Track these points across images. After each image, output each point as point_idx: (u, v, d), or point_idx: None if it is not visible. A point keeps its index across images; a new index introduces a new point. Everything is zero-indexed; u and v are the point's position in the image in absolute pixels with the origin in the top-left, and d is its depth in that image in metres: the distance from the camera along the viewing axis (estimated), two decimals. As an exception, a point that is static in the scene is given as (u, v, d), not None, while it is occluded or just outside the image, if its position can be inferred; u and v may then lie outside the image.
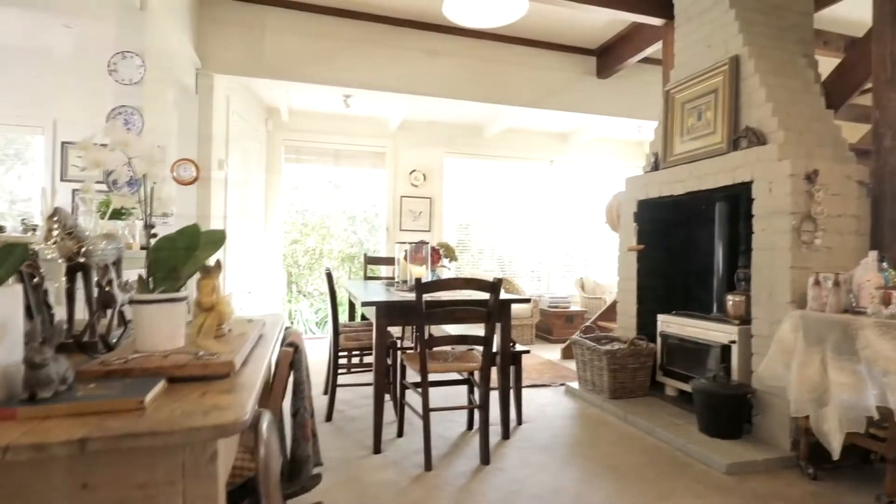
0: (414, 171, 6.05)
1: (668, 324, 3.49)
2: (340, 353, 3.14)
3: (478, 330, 2.64)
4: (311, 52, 4.49)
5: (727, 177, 2.96)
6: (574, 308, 6.07)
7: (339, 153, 6.03)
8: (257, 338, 1.40)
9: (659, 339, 3.56)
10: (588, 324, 4.85)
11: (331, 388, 3.11)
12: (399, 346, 3.17)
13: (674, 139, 3.50)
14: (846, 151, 2.94)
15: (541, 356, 5.06)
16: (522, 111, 5.30)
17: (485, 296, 2.58)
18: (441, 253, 3.30)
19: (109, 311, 1.26)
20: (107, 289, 1.25)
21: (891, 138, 2.64)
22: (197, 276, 1.28)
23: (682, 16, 3.55)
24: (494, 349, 2.85)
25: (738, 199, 3.20)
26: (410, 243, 3.22)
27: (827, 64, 4.90)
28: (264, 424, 1.03)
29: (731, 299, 3.12)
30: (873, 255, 2.37)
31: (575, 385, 3.81)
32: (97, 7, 3.37)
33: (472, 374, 2.95)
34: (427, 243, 3.18)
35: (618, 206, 4.00)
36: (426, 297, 2.47)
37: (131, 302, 1.12)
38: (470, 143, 6.31)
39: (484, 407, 2.58)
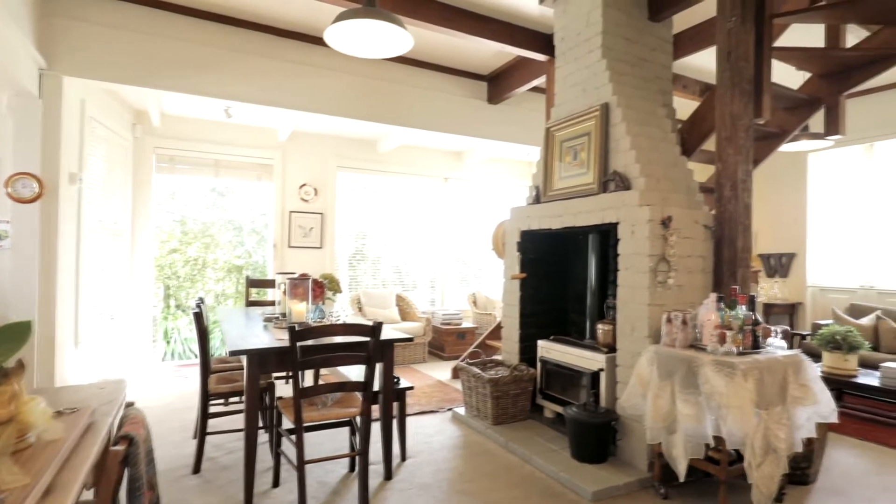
0: (304, 185, 5.81)
1: (547, 349, 3.67)
2: (212, 398, 2.89)
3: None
4: (186, 59, 4.11)
5: (597, 216, 3.17)
6: (466, 324, 6.21)
7: (220, 164, 5.61)
8: (78, 438, 1.22)
9: (539, 364, 3.73)
10: (474, 347, 4.97)
11: (199, 436, 2.85)
12: (275, 390, 2.99)
13: (553, 175, 3.68)
14: (696, 196, 3.29)
15: (431, 376, 5.10)
16: (416, 129, 5.31)
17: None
18: (325, 286, 3.17)
19: None
20: None
21: (729, 189, 2.99)
22: None
23: (561, 58, 3.75)
24: (377, 388, 2.81)
25: (609, 232, 3.45)
26: (289, 276, 3.06)
27: (685, 104, 5.46)
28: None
29: (601, 328, 3.35)
30: (713, 296, 2.67)
31: (462, 410, 3.87)
32: None
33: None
34: (308, 277, 3.04)
35: (503, 234, 4.13)
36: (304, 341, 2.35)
37: None
38: (364, 158, 6.20)
39: (363, 453, 2.51)
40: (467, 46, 4.76)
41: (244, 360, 2.52)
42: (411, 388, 3.08)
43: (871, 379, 3.97)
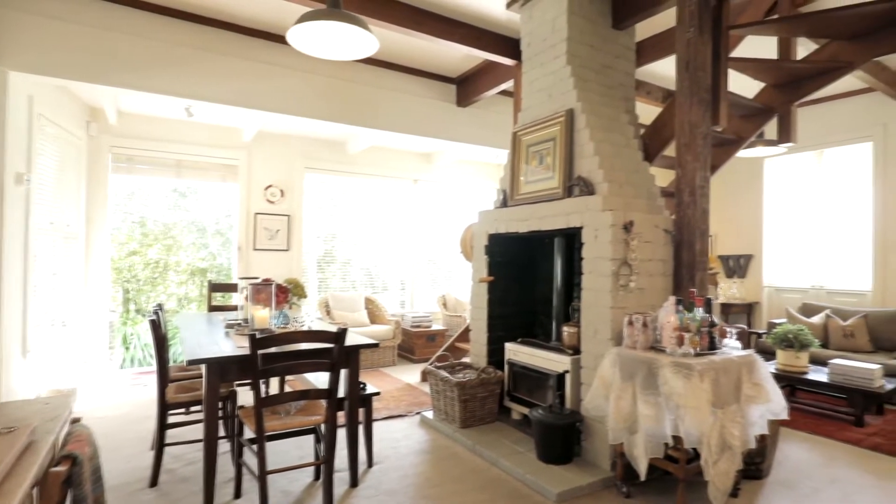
0: (270, 186, 5.70)
1: (514, 352, 3.70)
2: (170, 408, 2.80)
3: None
4: (144, 55, 3.97)
5: (563, 221, 3.22)
6: (436, 326, 6.21)
7: (183, 164, 5.45)
8: (14, 460, 1.16)
9: (506, 367, 3.76)
10: (443, 350, 4.98)
11: (156, 448, 2.76)
12: (237, 398, 2.92)
13: (520, 179, 3.72)
14: (657, 201, 3.37)
15: (401, 380, 5.08)
16: (385, 131, 5.27)
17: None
18: (289, 291, 3.12)
19: None
20: None
21: (688, 194, 3.08)
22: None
23: (527, 63, 3.79)
24: (342, 394, 2.78)
25: (574, 236, 3.51)
26: (252, 281, 3.00)
27: (649, 110, 5.60)
28: None
29: (566, 330, 3.40)
30: (672, 299, 2.74)
31: (430, 414, 3.87)
32: None
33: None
34: (271, 283, 2.98)
35: (471, 238, 4.15)
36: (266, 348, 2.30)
37: None
38: (333, 159, 6.12)
39: (328, 461, 2.48)
40: (436, 49, 4.76)
41: (203, 368, 2.45)
42: (377, 393, 3.06)
43: (820, 375, 4.15)
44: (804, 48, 4.18)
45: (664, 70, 4.97)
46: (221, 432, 3.56)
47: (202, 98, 4.19)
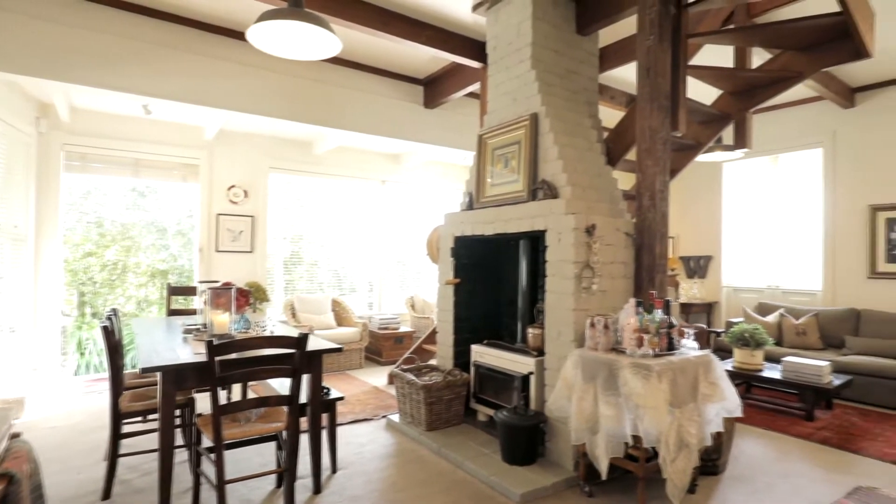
0: (233, 186, 5.56)
1: (480, 354, 3.72)
2: (125, 417, 2.70)
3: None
4: (99, 50, 3.82)
5: (527, 224, 3.25)
6: (404, 328, 6.18)
7: (141, 163, 5.26)
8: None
9: (472, 369, 3.77)
10: (410, 353, 4.96)
11: (110, 459, 2.65)
12: (195, 406, 2.84)
13: (485, 182, 3.74)
14: (619, 205, 3.44)
15: (367, 383, 5.03)
16: (352, 132, 5.22)
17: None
18: (250, 295, 3.05)
19: None
20: None
21: (648, 198, 3.15)
22: None
23: (493, 67, 3.81)
24: (305, 400, 2.74)
25: (539, 238, 3.55)
26: (212, 285, 2.91)
27: (614, 115, 5.71)
28: None
29: (531, 332, 3.44)
30: (632, 301, 2.80)
31: (396, 417, 3.85)
32: None
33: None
34: (231, 286, 2.91)
35: (437, 240, 4.14)
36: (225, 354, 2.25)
37: None
38: (299, 159, 6.02)
39: (290, 469, 2.44)
40: (403, 50, 4.74)
41: (158, 376, 2.37)
42: (341, 398, 3.02)
43: (774, 372, 4.32)
44: (759, 57, 4.33)
45: (628, 75, 5.08)
46: (180, 441, 3.46)
47: (160, 95, 4.06)
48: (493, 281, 4.14)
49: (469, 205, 3.87)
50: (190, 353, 2.52)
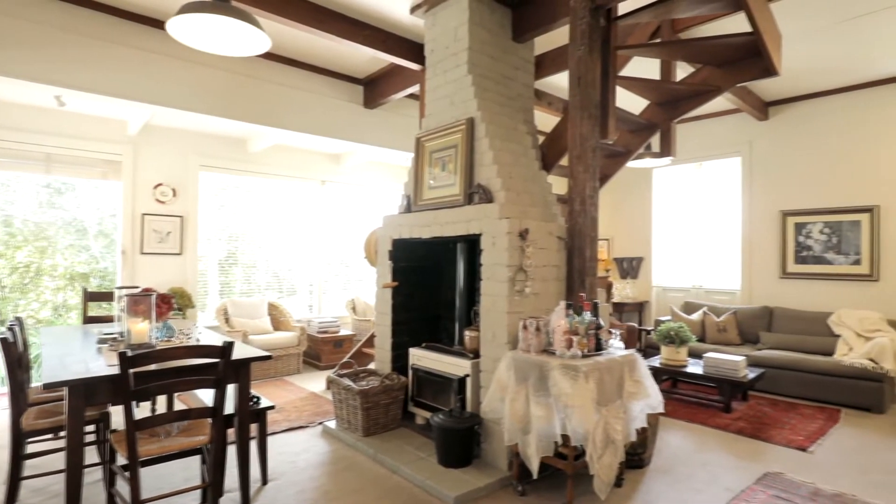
0: (160, 184, 5.26)
1: (419, 357, 3.71)
2: (29, 436, 2.48)
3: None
4: (1, 34, 3.50)
5: (463, 227, 3.27)
6: (345, 332, 6.08)
7: (53, 158, 4.87)
8: None
9: (410, 372, 3.76)
10: (348, 357, 4.89)
11: (9, 482, 2.43)
12: (110, 420, 2.66)
13: (423, 185, 3.73)
14: (552, 209, 3.54)
15: (305, 388, 4.91)
16: (288, 131, 5.07)
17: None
18: (172, 301, 2.89)
19: None
20: None
21: (579, 203, 3.26)
22: None
23: (431, 70, 3.82)
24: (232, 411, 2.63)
25: (476, 241, 3.59)
26: (130, 291, 2.74)
27: (551, 120, 5.85)
28: None
29: (468, 334, 3.47)
30: (562, 303, 2.88)
31: (333, 424, 3.77)
32: None
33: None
34: (152, 292, 2.74)
35: (375, 242, 4.10)
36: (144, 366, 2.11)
37: None
38: (232, 157, 5.78)
39: (214, 483, 2.33)
40: (342, 49, 4.66)
41: (65, 391, 2.19)
42: (271, 407, 2.92)
43: (697, 368, 4.58)
44: (683, 71, 4.58)
45: (565, 82, 5.23)
46: (95, 458, 3.23)
47: (74, 87, 3.77)
48: (433, 283, 4.15)
49: (407, 207, 3.86)
50: (103, 364, 2.36)
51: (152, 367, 2.36)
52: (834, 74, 4.98)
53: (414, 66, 4.46)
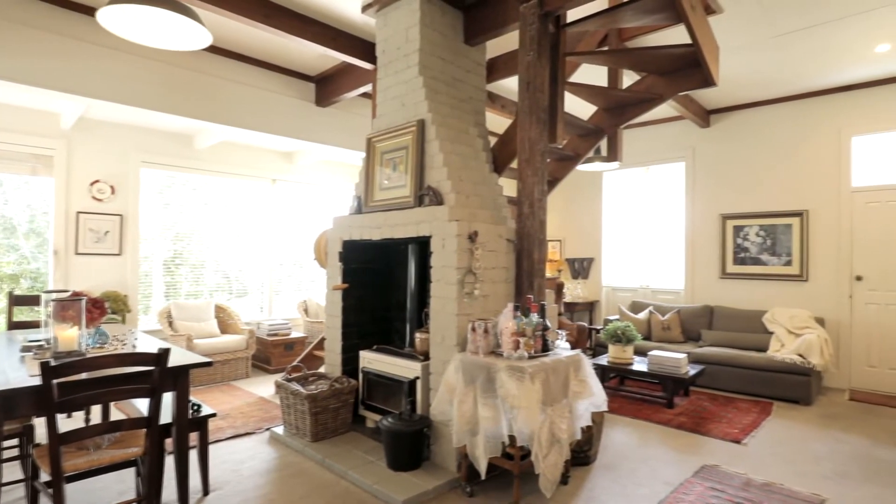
0: (98, 181, 4.98)
1: (369, 360, 3.67)
2: (-64, 452, 2.30)
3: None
4: (-90, 17, 3.22)
5: (413, 229, 3.26)
6: (296, 334, 5.95)
7: (-25, 152, 4.53)
8: None
9: (361, 375, 3.72)
10: (298, 361, 4.79)
11: (-84, 504, 2.25)
12: (34, 433, 2.50)
13: (374, 186, 3.70)
14: (502, 211, 3.58)
15: (253, 393, 4.77)
16: (235, 128, 4.91)
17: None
18: (105, 306, 2.74)
19: None
20: None
21: (528, 206, 3.31)
22: None
23: (382, 70, 3.78)
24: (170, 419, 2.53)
25: (427, 243, 3.58)
26: (58, 295, 2.58)
27: (504, 122, 5.91)
28: None
29: (419, 336, 3.46)
30: (510, 305, 2.92)
31: (281, 430, 3.68)
32: None
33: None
34: (82, 296, 2.60)
35: (325, 244, 4.03)
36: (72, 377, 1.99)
37: None
38: (177, 154, 5.54)
39: (149, 497, 2.23)
40: (293, 45, 4.55)
41: None
42: (213, 414, 2.82)
43: (642, 365, 4.75)
44: (629, 78, 4.73)
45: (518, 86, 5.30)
46: (19, 475, 3.02)
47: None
48: (385, 285, 4.12)
49: (358, 209, 3.81)
50: (25, 374, 2.21)
51: (83, 375, 2.23)
52: (769, 86, 5.26)
53: (366, 66, 4.41)
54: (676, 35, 4.17)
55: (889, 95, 5.02)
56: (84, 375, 2.24)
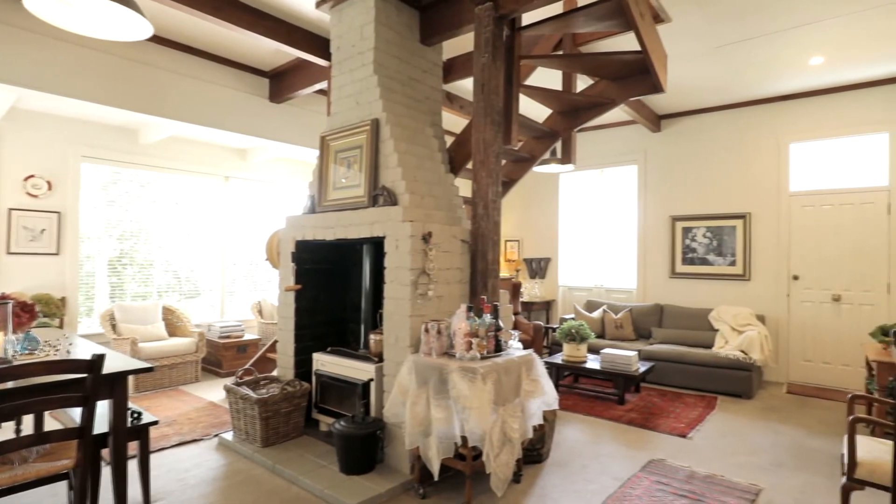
0: (32, 176, 4.69)
1: (322, 363, 3.61)
2: None
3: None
4: None
5: (367, 230, 3.23)
6: (250, 336, 5.78)
7: None
8: None
9: (314, 378, 3.65)
10: (250, 364, 4.67)
11: None
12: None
13: (328, 185, 3.64)
14: (457, 212, 3.58)
15: (203, 398, 4.61)
16: (184, 123, 4.72)
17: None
18: (35, 310, 2.58)
19: None
20: None
21: (482, 207, 3.32)
22: None
23: (337, 67, 3.72)
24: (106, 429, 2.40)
25: (382, 244, 3.54)
26: (-19, 301, 2.41)
27: (462, 123, 5.92)
28: None
29: (373, 338, 3.43)
30: (463, 306, 2.93)
31: (230, 436, 3.57)
32: None
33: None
34: (8, 301, 2.43)
35: (278, 244, 3.94)
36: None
37: None
38: (120, 149, 5.28)
39: (80, 511, 2.11)
40: (245, 39, 4.42)
41: None
42: (155, 422, 2.70)
43: (595, 363, 4.86)
44: (584, 83, 4.84)
45: (474, 87, 5.32)
46: (-62, 490, 2.81)
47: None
48: (339, 286, 4.06)
49: (311, 208, 3.74)
50: (-60, 385, 2.06)
51: (8, 385, 2.10)
52: (714, 93, 5.49)
53: (322, 62, 4.33)
54: (628, 42, 4.28)
55: (823, 105, 5.33)
56: (10, 385, 2.11)
